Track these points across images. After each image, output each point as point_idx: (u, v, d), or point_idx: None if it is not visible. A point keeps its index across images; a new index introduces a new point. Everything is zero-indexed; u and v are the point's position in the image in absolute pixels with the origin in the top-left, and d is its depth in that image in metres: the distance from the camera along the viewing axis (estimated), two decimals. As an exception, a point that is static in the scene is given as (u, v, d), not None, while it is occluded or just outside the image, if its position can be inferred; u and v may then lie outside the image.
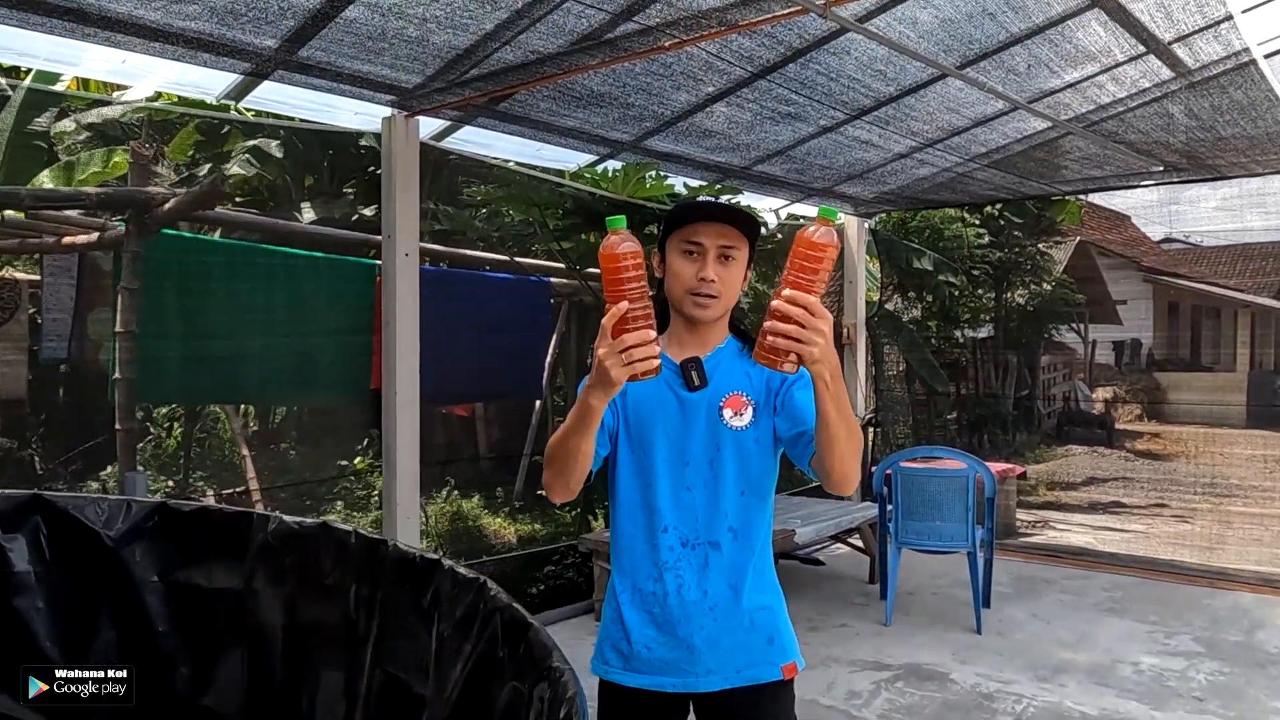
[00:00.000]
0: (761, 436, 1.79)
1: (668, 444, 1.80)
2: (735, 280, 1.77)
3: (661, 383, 1.78)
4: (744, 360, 1.81)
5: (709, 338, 1.84)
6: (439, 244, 7.14)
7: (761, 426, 1.79)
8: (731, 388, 1.79)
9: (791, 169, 5.48)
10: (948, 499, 4.92)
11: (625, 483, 1.86)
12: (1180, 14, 3.20)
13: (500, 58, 3.50)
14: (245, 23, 3.06)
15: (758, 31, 3.31)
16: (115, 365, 4.43)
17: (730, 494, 1.79)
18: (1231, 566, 6.31)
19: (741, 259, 1.77)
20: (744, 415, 1.78)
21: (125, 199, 4.63)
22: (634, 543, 1.84)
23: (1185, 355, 21.98)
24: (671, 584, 1.79)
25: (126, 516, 1.87)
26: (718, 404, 1.78)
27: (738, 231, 1.74)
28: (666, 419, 1.80)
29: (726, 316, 1.85)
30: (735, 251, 1.75)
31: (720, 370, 1.81)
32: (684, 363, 1.78)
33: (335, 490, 7.98)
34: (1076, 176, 6.06)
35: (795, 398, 1.75)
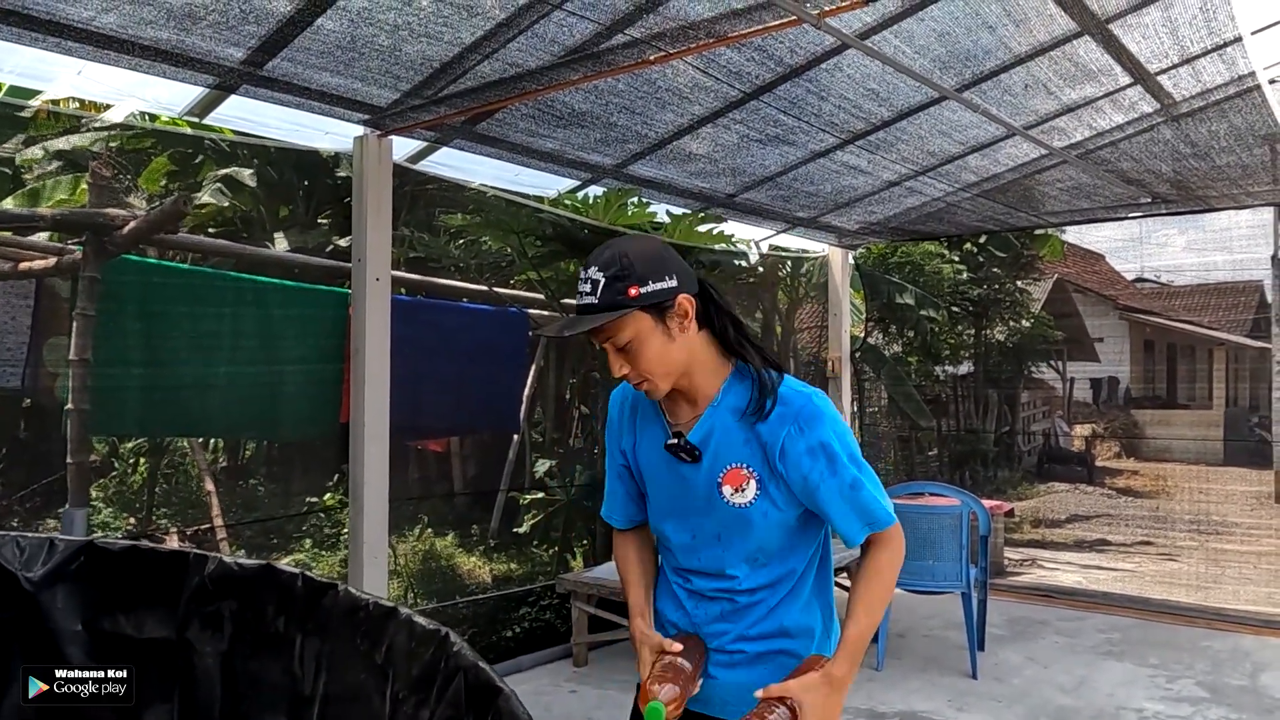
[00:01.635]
0: (771, 510, 1.62)
1: (673, 515, 1.70)
2: (647, 356, 1.58)
3: (658, 450, 1.69)
4: (746, 422, 1.61)
5: (698, 392, 1.66)
6: (414, 272, 6.96)
7: (771, 497, 1.61)
8: (730, 460, 1.62)
9: (777, 196, 5.35)
10: (941, 537, 4.74)
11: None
12: (1188, 33, 3.11)
13: (478, 72, 3.35)
14: (206, 29, 2.89)
15: (747, 45, 3.17)
16: (68, 395, 4.20)
17: (739, 564, 1.67)
18: (1229, 607, 6.16)
19: (636, 333, 1.56)
20: (746, 491, 1.61)
21: (83, 220, 4.43)
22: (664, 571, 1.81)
23: (1162, 392, 22.09)
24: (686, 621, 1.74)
25: (49, 557, 1.66)
26: (716, 479, 1.63)
27: (605, 322, 1.54)
28: (669, 491, 1.70)
29: (698, 368, 1.64)
30: (620, 337, 1.56)
31: (716, 437, 1.63)
32: (668, 447, 1.66)
33: (304, 528, 7.70)
34: (1064, 208, 5.98)
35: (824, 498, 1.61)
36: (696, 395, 1.65)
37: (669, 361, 1.59)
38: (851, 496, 1.59)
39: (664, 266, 1.57)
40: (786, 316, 9.20)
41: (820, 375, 7.63)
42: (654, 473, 1.71)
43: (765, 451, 1.60)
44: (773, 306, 9.09)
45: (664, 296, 1.55)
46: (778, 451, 1.58)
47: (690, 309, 1.59)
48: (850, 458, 1.60)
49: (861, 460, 1.62)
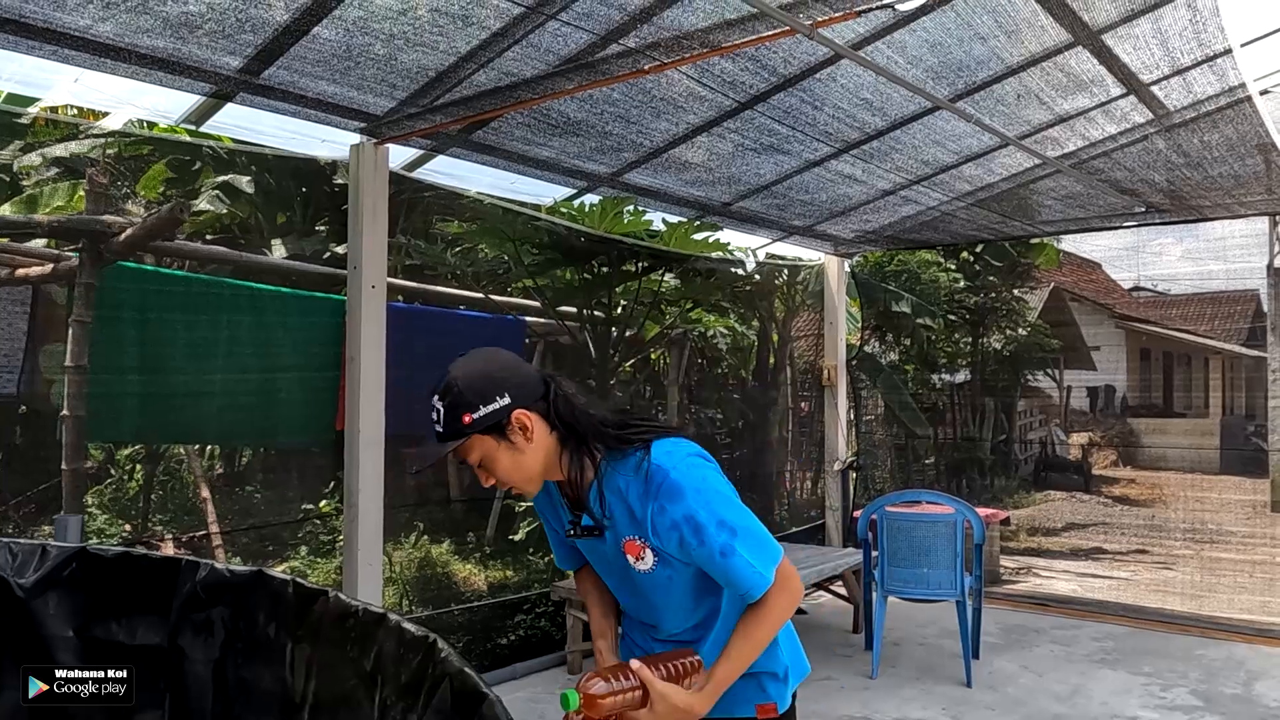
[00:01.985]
0: (673, 573, 1.69)
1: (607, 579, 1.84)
2: (502, 470, 1.66)
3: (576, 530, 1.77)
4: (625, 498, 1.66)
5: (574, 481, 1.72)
6: (411, 279, 6.96)
7: (667, 562, 1.67)
8: (625, 534, 1.68)
9: (772, 205, 5.37)
10: (935, 545, 4.75)
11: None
12: (1178, 44, 3.13)
13: (474, 81, 3.36)
14: (203, 37, 2.90)
15: (741, 55, 3.19)
16: (64, 401, 4.20)
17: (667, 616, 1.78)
18: (1223, 615, 6.16)
19: (484, 454, 1.65)
20: (645, 560, 1.68)
21: (80, 227, 4.43)
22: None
23: (1158, 401, 22.12)
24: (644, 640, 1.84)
25: (41, 563, 1.67)
26: (621, 550, 1.70)
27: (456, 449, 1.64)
28: (595, 560, 1.82)
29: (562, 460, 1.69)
30: (473, 457, 1.66)
31: (612, 512, 1.69)
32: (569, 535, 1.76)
33: (299, 535, 7.68)
34: (1058, 217, 6.01)
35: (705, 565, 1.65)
36: (579, 481, 1.70)
37: (524, 470, 1.66)
38: (722, 565, 1.60)
39: (495, 387, 1.62)
40: (783, 324, 9.21)
41: (816, 383, 7.64)
42: (579, 543, 1.81)
43: (644, 529, 1.65)
44: (769, 314, 9.10)
45: (498, 418, 1.61)
46: (649, 528, 1.63)
47: (529, 422, 1.64)
48: (719, 524, 1.59)
49: (734, 520, 1.60)
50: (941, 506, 4.93)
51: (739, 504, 1.64)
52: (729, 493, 1.64)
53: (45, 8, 2.69)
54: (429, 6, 2.83)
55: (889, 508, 4.96)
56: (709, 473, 1.64)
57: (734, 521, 1.59)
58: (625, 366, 8.15)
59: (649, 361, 9.09)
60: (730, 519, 1.59)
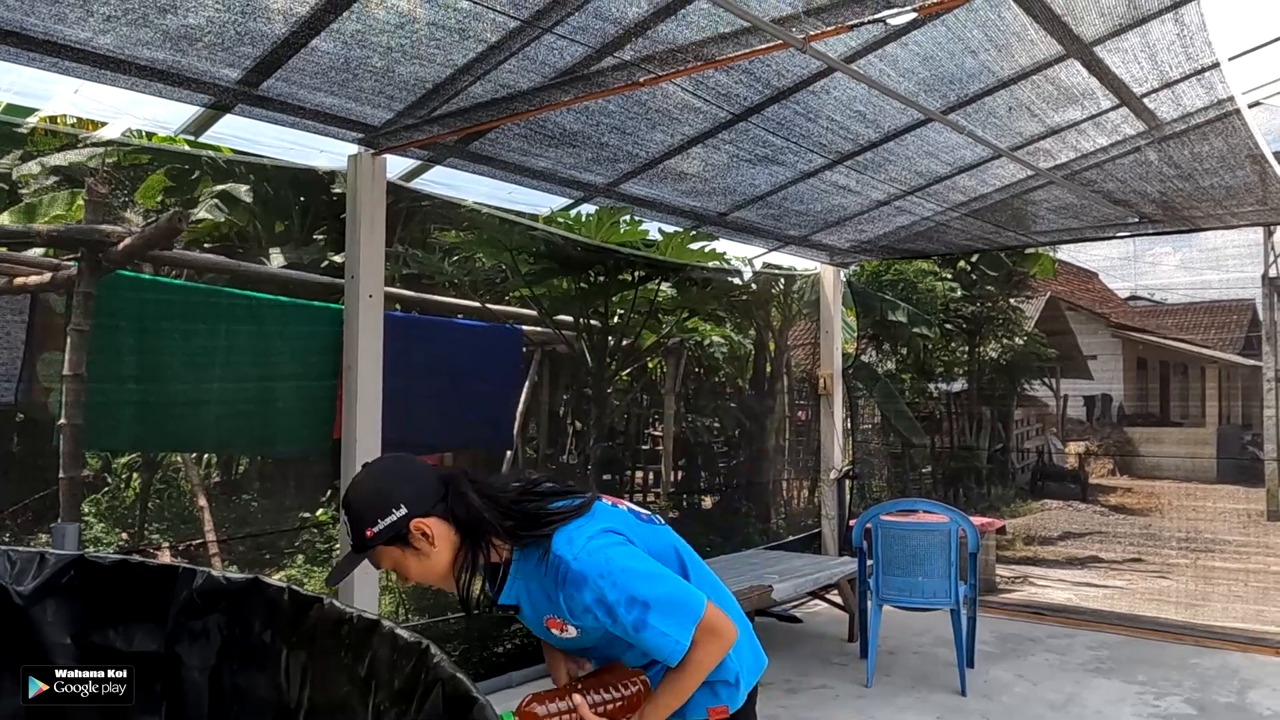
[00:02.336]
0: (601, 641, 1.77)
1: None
2: (413, 573, 1.73)
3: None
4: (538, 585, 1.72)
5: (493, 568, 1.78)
6: (409, 288, 6.99)
7: (587, 635, 1.75)
8: (544, 612, 1.74)
9: (768, 215, 5.40)
10: (930, 554, 4.76)
11: None
12: (1166, 58, 3.17)
13: (471, 93, 3.39)
14: (202, 49, 2.94)
15: (735, 68, 3.23)
16: (61, 410, 4.22)
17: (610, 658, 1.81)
18: (1217, 624, 6.18)
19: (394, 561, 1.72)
20: (568, 630, 1.74)
21: (78, 236, 4.45)
22: None
23: (1155, 410, 22.15)
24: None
25: (39, 571, 1.68)
26: (543, 625, 1.76)
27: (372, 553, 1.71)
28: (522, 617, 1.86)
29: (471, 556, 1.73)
30: (384, 565, 1.75)
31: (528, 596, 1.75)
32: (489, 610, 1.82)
33: (296, 544, 7.68)
34: (1052, 227, 6.04)
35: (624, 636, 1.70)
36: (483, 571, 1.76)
37: (435, 571, 1.72)
38: (639, 639, 1.65)
39: (388, 500, 1.67)
40: (780, 333, 9.25)
41: (813, 392, 7.66)
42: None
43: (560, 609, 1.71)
44: (766, 323, 9.14)
45: (396, 529, 1.67)
46: (565, 612, 1.69)
47: (430, 529, 1.68)
48: (629, 601, 1.61)
49: (645, 593, 1.62)
50: (936, 515, 4.95)
51: (649, 571, 1.66)
52: (636, 565, 1.65)
53: (46, 21, 2.72)
54: (426, 20, 2.86)
55: (883, 516, 4.97)
56: (611, 552, 1.65)
57: (644, 594, 1.62)
58: (622, 375, 8.18)
59: (646, 370, 9.12)
60: (640, 592, 1.61)
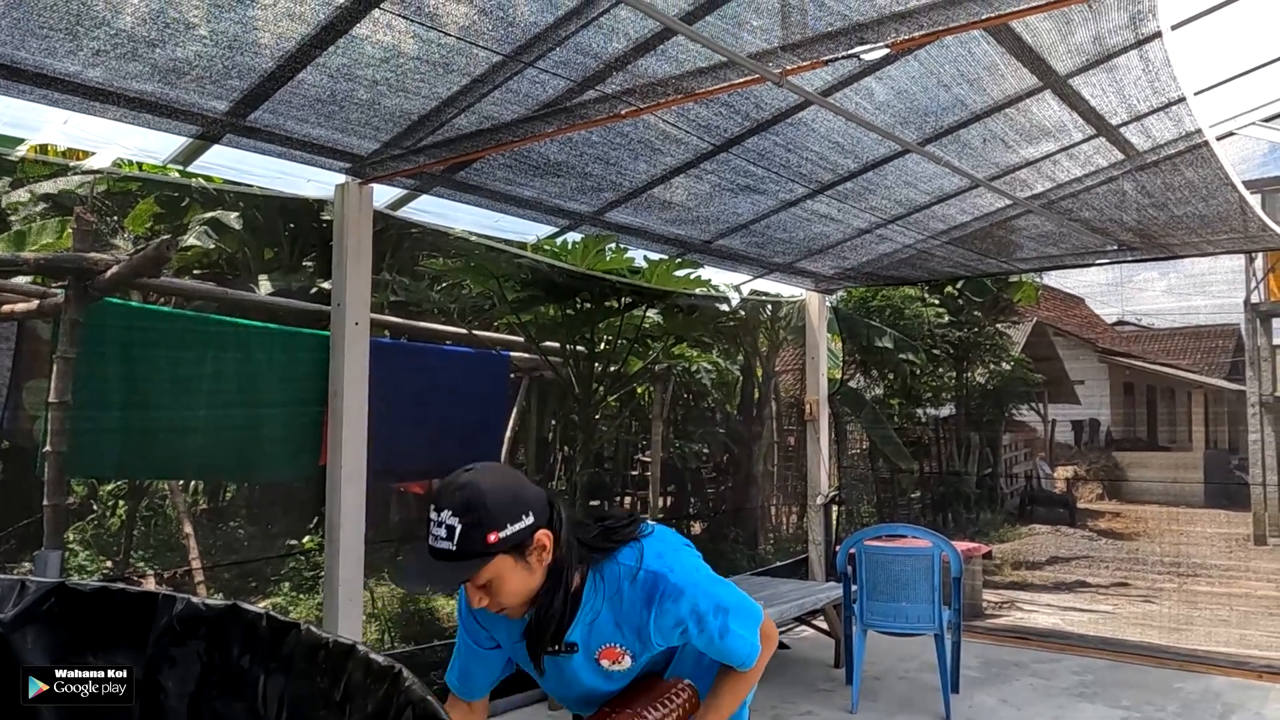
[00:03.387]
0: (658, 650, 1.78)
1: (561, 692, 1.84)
2: (505, 591, 1.62)
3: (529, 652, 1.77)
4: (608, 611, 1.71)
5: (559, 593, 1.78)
6: (396, 315, 7.02)
7: (642, 660, 1.78)
8: (604, 641, 1.73)
9: (752, 243, 5.47)
10: (913, 579, 4.79)
11: None
12: (1134, 92, 3.25)
13: (456, 124, 3.45)
14: (190, 82, 2.99)
15: (715, 101, 3.29)
16: (46, 437, 4.22)
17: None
18: (1201, 648, 6.20)
19: (497, 574, 1.59)
20: (622, 663, 1.74)
21: (65, 264, 4.48)
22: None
23: (1142, 435, 22.26)
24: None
25: (20, 598, 1.70)
26: (594, 657, 1.74)
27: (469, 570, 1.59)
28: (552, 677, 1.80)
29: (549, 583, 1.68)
30: (480, 579, 1.60)
31: (589, 629, 1.73)
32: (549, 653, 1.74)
33: (282, 571, 7.65)
34: (1033, 255, 6.13)
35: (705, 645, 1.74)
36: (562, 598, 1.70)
37: (528, 591, 1.63)
38: (720, 646, 1.72)
39: (520, 505, 1.58)
40: (767, 359, 9.30)
41: (801, 417, 7.70)
42: (531, 663, 1.78)
43: (638, 633, 1.70)
44: (753, 349, 9.19)
45: (521, 538, 1.57)
46: (651, 630, 1.69)
47: (548, 543, 1.61)
48: (716, 609, 1.68)
49: (726, 600, 1.70)
50: (919, 540, 4.98)
51: (721, 579, 1.75)
52: (711, 572, 1.75)
53: (37, 54, 2.77)
54: (411, 55, 2.92)
55: (867, 541, 5.00)
56: (697, 560, 1.75)
57: (726, 601, 1.69)
58: (610, 401, 8.21)
59: (634, 396, 9.15)
60: (722, 599, 1.69)
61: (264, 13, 2.66)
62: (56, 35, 2.66)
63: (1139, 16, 2.72)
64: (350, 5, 2.64)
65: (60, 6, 2.51)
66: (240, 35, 2.77)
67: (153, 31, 2.70)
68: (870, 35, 2.63)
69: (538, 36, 2.85)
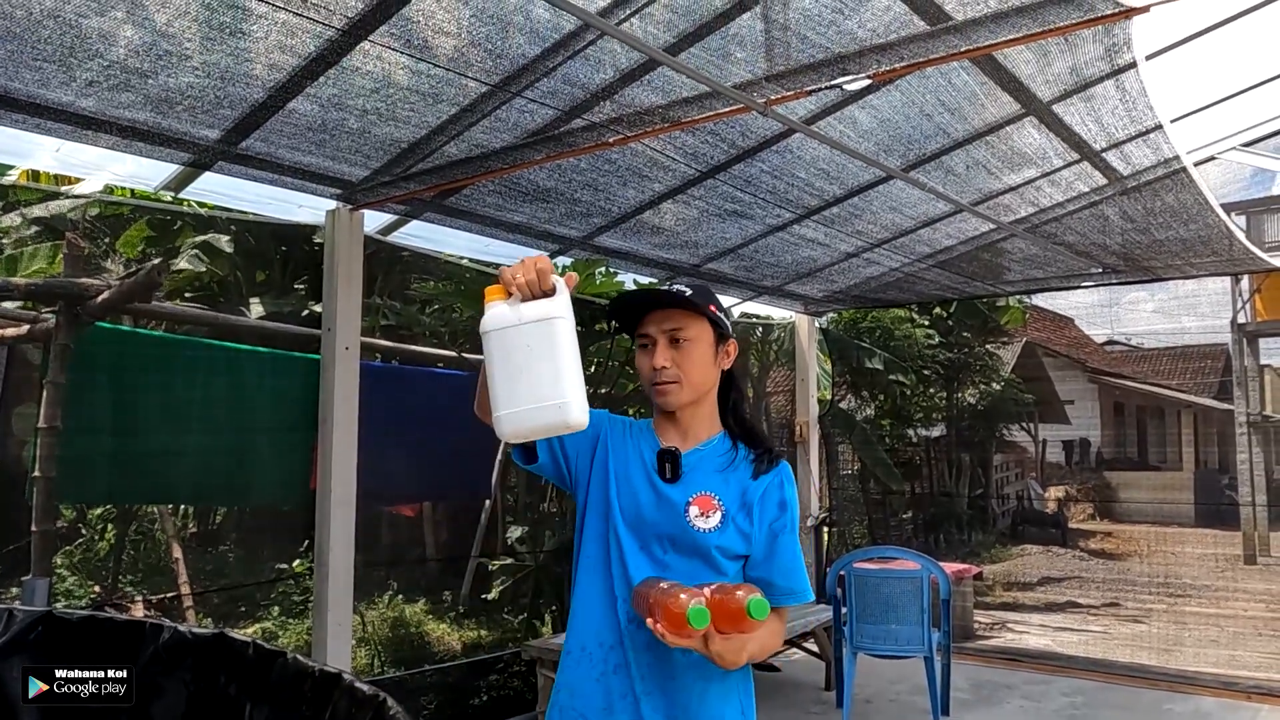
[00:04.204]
0: (725, 546, 1.71)
1: (630, 521, 1.73)
2: (694, 361, 1.72)
3: (641, 462, 1.76)
4: (727, 465, 1.75)
5: (691, 430, 1.79)
6: (387, 339, 7.05)
7: (727, 536, 1.70)
8: (703, 487, 1.72)
9: (740, 267, 5.52)
10: (902, 601, 4.80)
11: (590, 543, 1.79)
12: (1111, 121, 3.31)
13: (445, 152, 3.49)
14: (183, 112, 3.02)
15: (701, 129, 3.34)
16: (35, 463, 4.22)
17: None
18: (1191, 669, 6.22)
19: (697, 337, 1.72)
20: (710, 518, 1.70)
21: (56, 289, 4.49)
22: (592, 605, 1.75)
23: (1133, 454, 22.34)
24: (617, 658, 1.70)
25: (7, 627, 1.71)
26: (686, 500, 1.71)
27: (682, 312, 1.71)
28: (634, 497, 1.74)
29: (706, 406, 1.79)
30: (685, 333, 1.72)
31: (698, 469, 1.75)
32: (661, 452, 1.75)
33: (271, 595, 7.62)
34: (1020, 277, 6.19)
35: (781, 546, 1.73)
36: (694, 430, 1.78)
37: (704, 375, 1.74)
38: (791, 564, 1.73)
39: (728, 313, 1.80)
40: (758, 380, 9.34)
41: (791, 439, 7.73)
42: (623, 486, 1.76)
43: (743, 493, 1.72)
44: (745, 371, 9.23)
45: (725, 328, 1.76)
46: (759, 493, 1.71)
47: (733, 352, 1.79)
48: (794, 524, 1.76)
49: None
50: (908, 562, 5.00)
51: None
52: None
53: (30, 85, 2.80)
54: (402, 85, 2.96)
55: (856, 564, 5.02)
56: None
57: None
58: (601, 423, 8.20)
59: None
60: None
61: (256, 44, 2.70)
62: (50, 67, 2.69)
63: (1114, 49, 2.78)
64: (341, 38, 2.69)
65: (55, 39, 2.54)
66: (232, 66, 2.81)
67: (145, 63, 2.73)
68: (852, 66, 2.68)
69: (526, 67, 2.90)
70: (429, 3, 2.56)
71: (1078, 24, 2.37)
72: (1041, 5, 2.35)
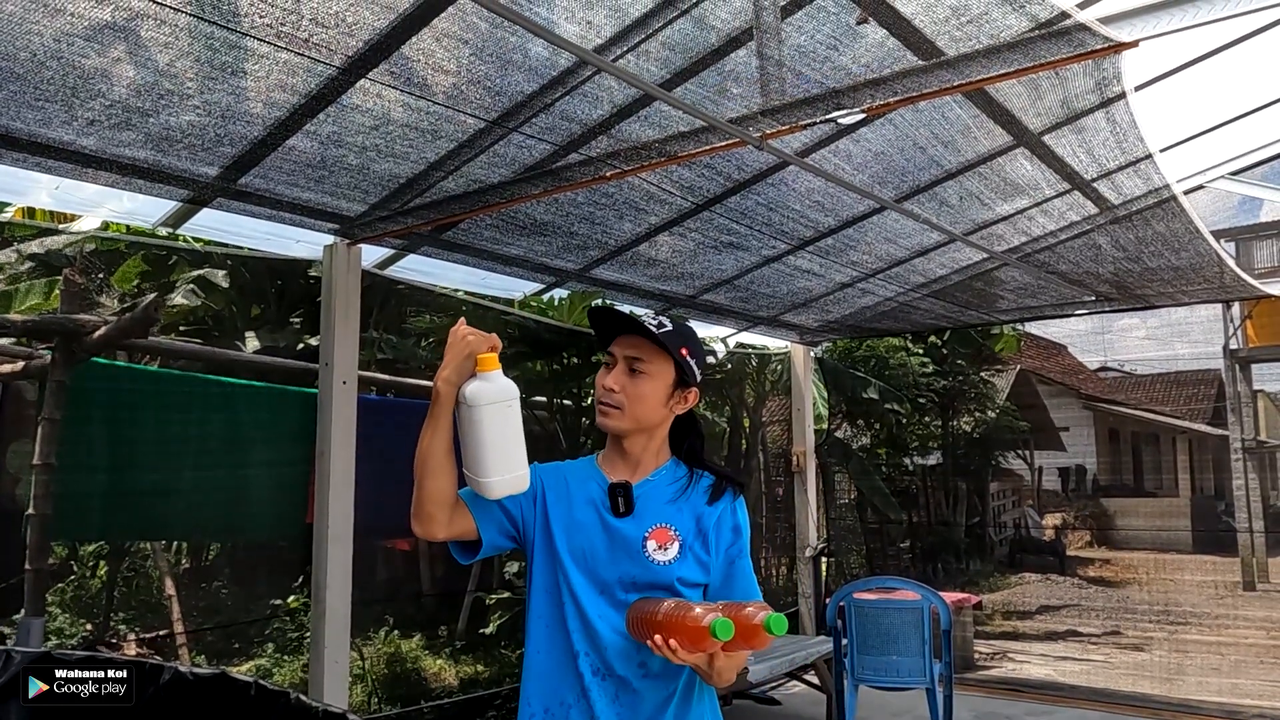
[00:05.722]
0: (686, 576, 1.70)
1: (585, 567, 1.71)
2: (643, 394, 1.72)
3: (590, 503, 1.74)
4: (678, 494, 1.76)
5: (643, 462, 1.78)
6: (384, 373, 7.04)
7: (687, 566, 1.70)
8: (657, 519, 1.72)
9: (736, 297, 5.54)
10: (903, 632, 4.77)
11: (539, 598, 1.75)
12: (1102, 151, 3.36)
13: (443, 187, 3.52)
14: (182, 150, 3.04)
15: (696, 162, 3.37)
16: (30, 501, 4.19)
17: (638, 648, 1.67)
18: (1194, 698, 6.18)
19: (655, 374, 1.72)
20: (669, 550, 1.70)
21: (53, 326, 4.49)
22: (548, 664, 1.71)
23: (1129, 481, 22.31)
24: (580, 716, 1.66)
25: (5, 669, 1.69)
26: (642, 535, 1.70)
27: (650, 344, 1.72)
28: (588, 541, 1.72)
29: (656, 441, 1.79)
30: (644, 365, 1.73)
31: (649, 500, 1.74)
32: (612, 486, 1.73)
33: (266, 632, 7.54)
34: (1013, 306, 6.23)
35: (738, 570, 1.75)
36: (643, 461, 1.78)
37: (649, 411, 1.74)
38: (747, 588, 1.75)
39: (702, 361, 1.79)
40: (754, 410, 9.34)
41: (789, 468, 7.71)
42: (573, 525, 1.73)
43: (698, 521, 1.72)
44: (740, 400, 9.23)
45: (688, 375, 1.75)
46: (713, 521, 1.72)
47: (691, 400, 1.79)
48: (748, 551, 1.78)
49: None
50: (908, 593, 4.97)
51: None
52: None
53: (31, 124, 2.82)
54: (400, 122, 2.99)
55: (856, 595, 4.99)
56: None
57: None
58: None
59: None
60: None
61: (257, 83, 2.73)
62: (52, 106, 2.72)
63: (1104, 82, 2.83)
64: (340, 76, 2.72)
65: (58, 79, 2.57)
66: (232, 105, 2.84)
67: (146, 102, 2.76)
68: (846, 100, 2.72)
69: (523, 103, 2.93)
70: (429, 41, 2.60)
71: (1068, 59, 2.41)
72: (1033, 41, 2.39)
